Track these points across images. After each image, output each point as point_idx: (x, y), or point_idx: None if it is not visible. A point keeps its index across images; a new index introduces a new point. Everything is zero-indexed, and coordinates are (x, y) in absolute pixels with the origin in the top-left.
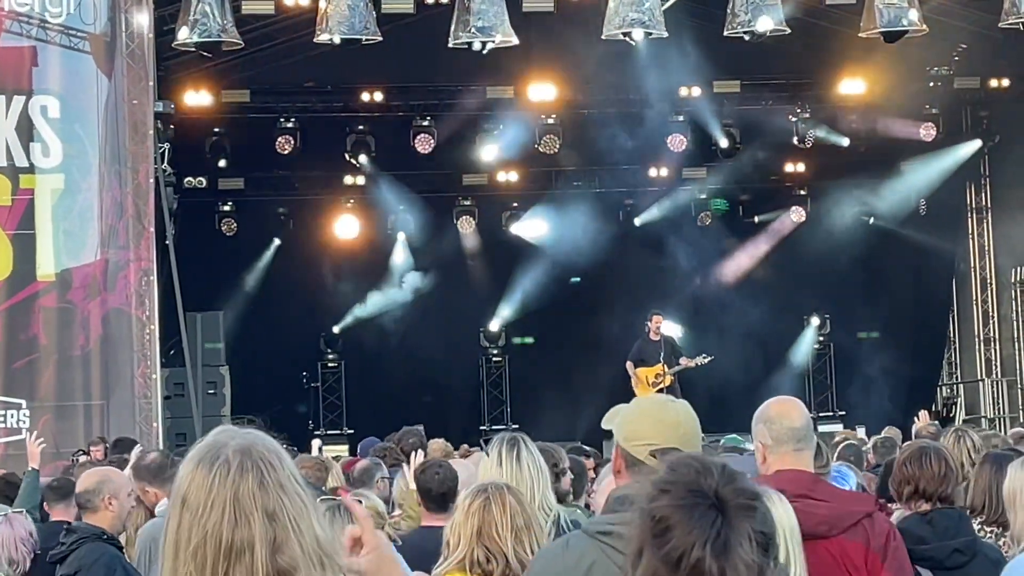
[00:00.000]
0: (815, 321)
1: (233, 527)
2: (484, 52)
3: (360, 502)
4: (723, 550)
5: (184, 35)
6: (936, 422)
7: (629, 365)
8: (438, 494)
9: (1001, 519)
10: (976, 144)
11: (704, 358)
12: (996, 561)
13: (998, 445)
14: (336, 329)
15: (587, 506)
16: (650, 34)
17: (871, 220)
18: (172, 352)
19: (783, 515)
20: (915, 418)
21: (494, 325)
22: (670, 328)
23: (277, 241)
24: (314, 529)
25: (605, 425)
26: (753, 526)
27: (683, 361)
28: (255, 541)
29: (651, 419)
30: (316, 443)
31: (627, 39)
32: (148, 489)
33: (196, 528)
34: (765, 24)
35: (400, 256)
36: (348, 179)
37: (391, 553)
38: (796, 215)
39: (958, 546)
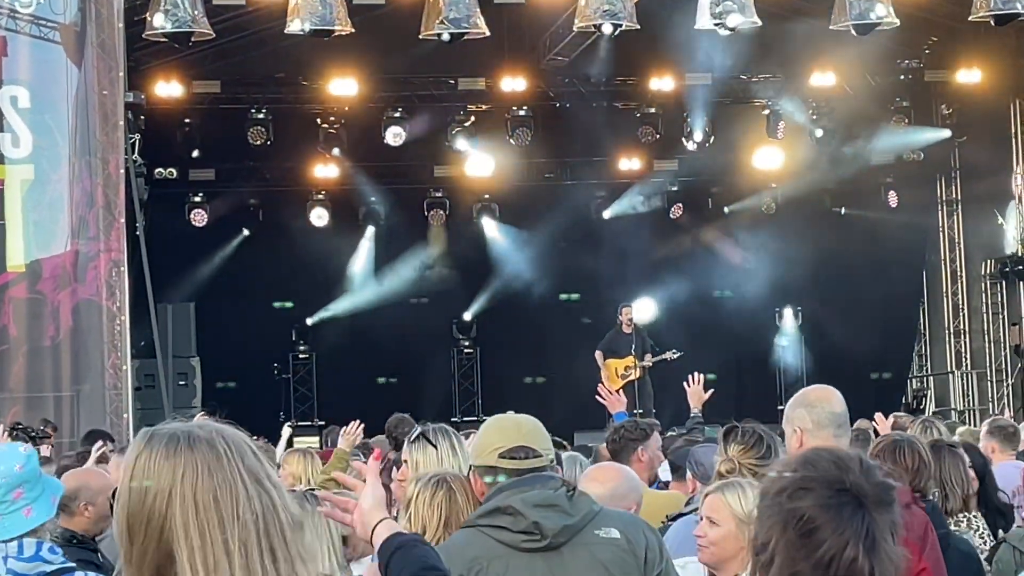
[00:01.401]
0: (787, 314)
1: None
2: (455, 43)
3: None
4: (872, 546)
5: (159, 22)
6: (904, 414)
7: (598, 355)
8: None
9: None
10: (946, 133)
11: (674, 353)
12: (967, 554)
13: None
14: (309, 322)
15: None
16: (620, 26)
17: (842, 212)
18: (143, 343)
19: None
20: (873, 422)
21: (466, 316)
22: (645, 311)
23: (246, 232)
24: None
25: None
26: (892, 518)
27: (647, 359)
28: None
29: (492, 429)
30: (286, 431)
31: (598, 31)
32: None
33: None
34: (736, 18)
35: (371, 247)
36: (319, 170)
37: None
38: (768, 205)
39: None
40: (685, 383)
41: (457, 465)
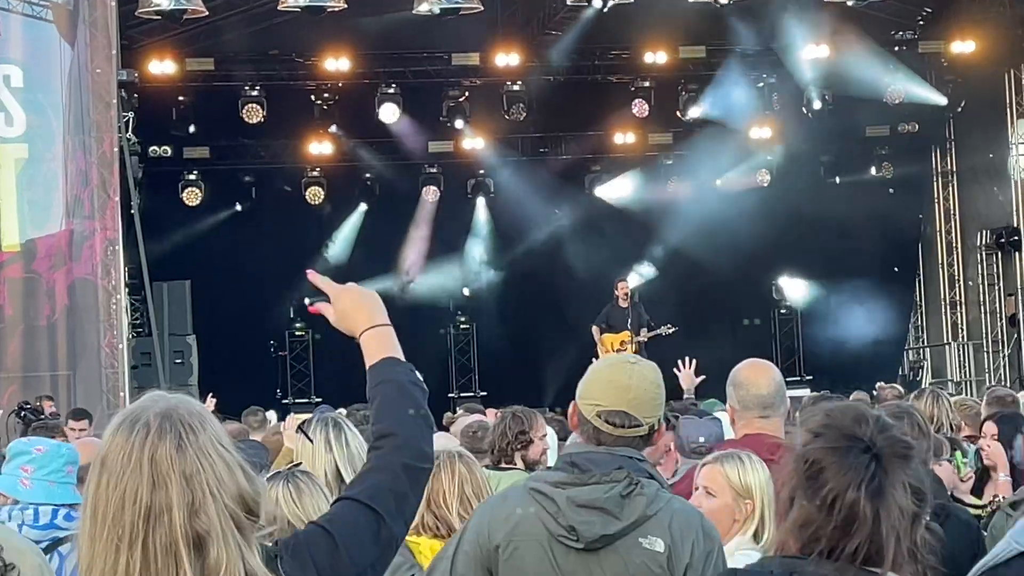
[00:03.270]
0: (782, 286)
1: (151, 490)
2: (449, 18)
3: None
4: (877, 493)
5: (160, 0)
6: (897, 386)
7: (595, 330)
8: None
9: None
10: (942, 100)
11: (669, 328)
12: (967, 523)
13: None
14: (307, 300)
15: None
16: (614, 0)
17: (837, 182)
18: (139, 322)
19: (761, 477)
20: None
21: (463, 293)
22: (643, 275)
23: (240, 208)
24: (239, 490)
25: None
26: (908, 474)
27: (643, 333)
28: (172, 504)
29: (603, 380)
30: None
31: (591, 5)
32: None
33: (114, 490)
34: None
35: (366, 224)
36: (314, 147)
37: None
38: (764, 178)
39: (933, 508)
40: (676, 369)
41: (331, 460)
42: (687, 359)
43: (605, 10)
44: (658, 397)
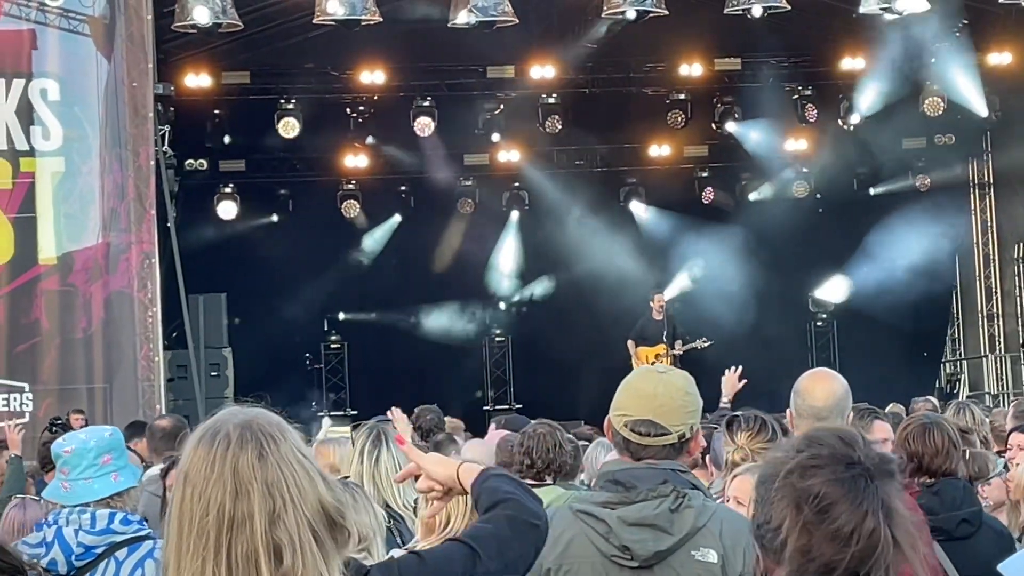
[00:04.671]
0: (819, 298)
1: (234, 499)
2: (484, 31)
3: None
4: (889, 515)
5: (202, 16)
6: (932, 399)
7: (630, 343)
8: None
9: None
10: (984, 110)
11: (704, 342)
12: (999, 532)
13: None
14: (341, 316)
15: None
16: (648, 12)
17: (873, 193)
18: (175, 334)
19: None
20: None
21: (499, 306)
22: (680, 287)
23: (276, 221)
24: (320, 498)
25: None
26: (899, 488)
27: (677, 346)
28: (254, 512)
29: (630, 390)
30: (326, 422)
31: (627, 17)
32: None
33: (199, 502)
34: (764, 1)
35: (402, 236)
36: (349, 160)
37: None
38: (799, 190)
39: (965, 516)
40: (723, 374)
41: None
42: (733, 366)
43: (640, 22)
44: (688, 405)
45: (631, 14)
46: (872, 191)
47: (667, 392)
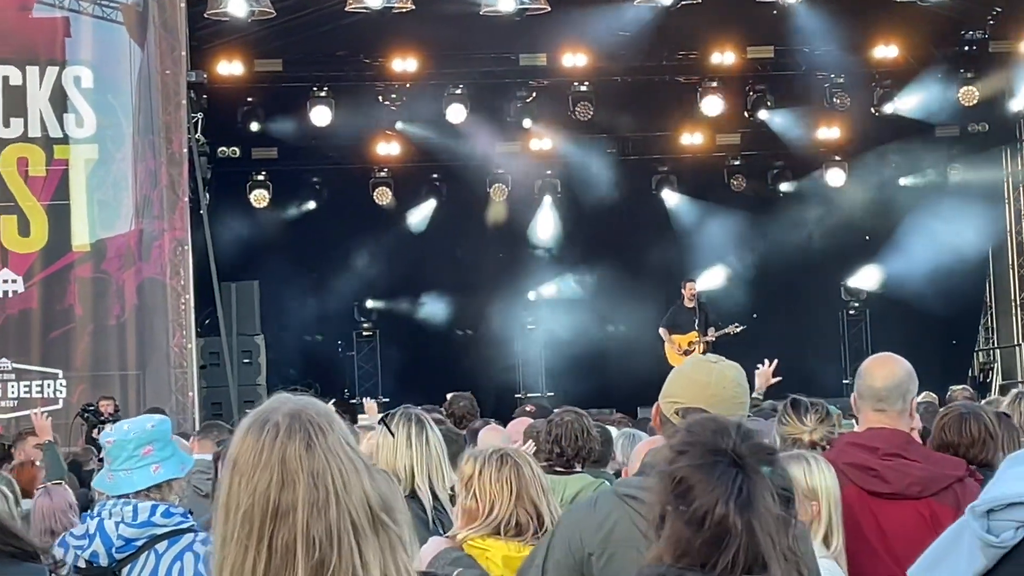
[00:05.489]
0: (852, 286)
1: (279, 489)
2: (516, 19)
3: None
4: (747, 505)
5: (236, 8)
6: (966, 387)
7: (663, 331)
8: None
9: None
10: (1021, 103)
11: (736, 327)
12: None
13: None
14: (370, 304)
15: (617, 473)
16: (682, 0)
17: (905, 184)
18: (207, 322)
19: (828, 479)
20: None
21: (530, 294)
22: (712, 280)
23: (308, 209)
24: (364, 492)
25: None
26: (773, 480)
27: (711, 333)
28: (298, 503)
29: (684, 378)
30: (370, 403)
31: (659, 4)
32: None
33: (245, 490)
34: None
35: (434, 223)
36: (382, 147)
37: None
38: (833, 178)
39: None
40: (757, 367)
41: (412, 457)
42: (768, 360)
43: (673, 9)
44: (739, 396)
45: (665, 1)
46: (905, 179)
47: (720, 382)
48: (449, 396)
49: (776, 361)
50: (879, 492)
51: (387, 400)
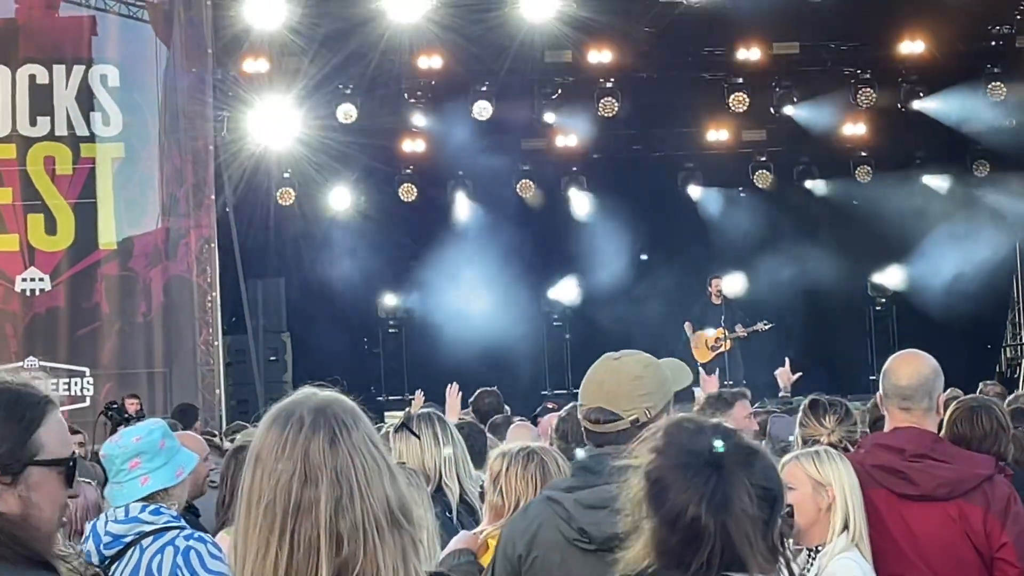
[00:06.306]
0: (878, 283)
1: (302, 484)
2: (543, 15)
3: None
4: (722, 506)
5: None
6: (996, 383)
7: (687, 326)
8: None
9: None
10: None
11: (765, 324)
12: None
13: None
14: (395, 301)
15: None
16: None
17: (930, 178)
18: (233, 319)
19: (840, 468)
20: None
21: (554, 292)
22: (733, 285)
23: (334, 207)
24: (385, 491)
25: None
26: (751, 480)
27: (739, 329)
28: (320, 499)
29: (586, 379)
30: (419, 395)
31: (684, 1)
32: None
33: (267, 484)
34: None
35: (459, 221)
36: (407, 145)
37: None
38: (859, 174)
39: None
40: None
41: (440, 455)
42: (787, 360)
43: (698, 6)
44: (638, 389)
45: None
46: (931, 175)
47: (613, 378)
48: (477, 392)
49: (788, 361)
50: (907, 494)
51: (412, 398)
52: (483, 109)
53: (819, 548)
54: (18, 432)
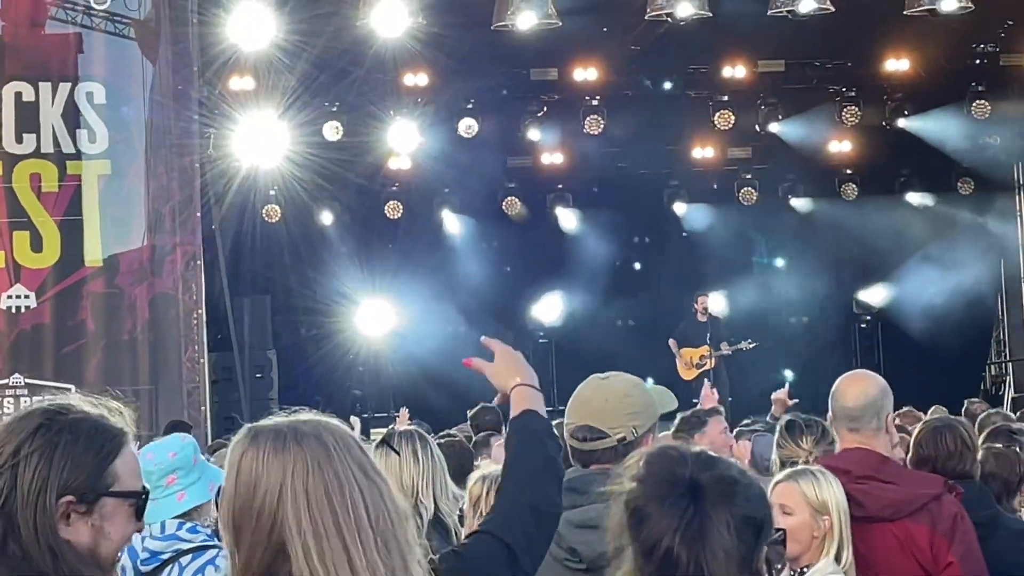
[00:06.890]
0: (863, 300)
1: (277, 500)
2: (527, 34)
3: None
4: (697, 537)
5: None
6: (982, 401)
7: (672, 343)
8: None
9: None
10: None
11: (749, 343)
12: (1019, 532)
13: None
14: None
15: None
16: (691, 14)
17: (915, 196)
18: (219, 337)
19: (836, 493)
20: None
21: (539, 309)
22: (717, 304)
23: (320, 224)
24: (368, 513)
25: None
26: (732, 512)
27: (723, 347)
28: (289, 517)
29: (573, 397)
30: (404, 412)
31: (670, 19)
32: None
33: (246, 501)
34: (808, 3)
35: (446, 238)
36: (393, 162)
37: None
38: (844, 192)
39: (980, 520)
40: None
41: (419, 472)
42: (785, 385)
43: (683, 23)
44: (626, 407)
45: (680, 12)
46: (916, 193)
47: (601, 396)
48: (477, 408)
49: (787, 386)
50: (854, 516)
51: (396, 414)
52: (469, 126)
53: (805, 569)
54: (96, 462)
